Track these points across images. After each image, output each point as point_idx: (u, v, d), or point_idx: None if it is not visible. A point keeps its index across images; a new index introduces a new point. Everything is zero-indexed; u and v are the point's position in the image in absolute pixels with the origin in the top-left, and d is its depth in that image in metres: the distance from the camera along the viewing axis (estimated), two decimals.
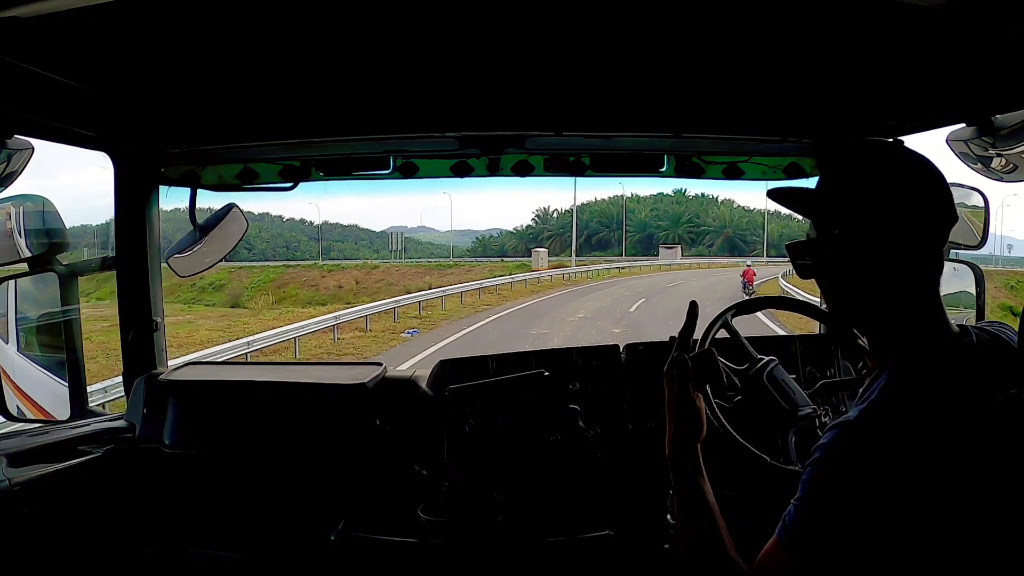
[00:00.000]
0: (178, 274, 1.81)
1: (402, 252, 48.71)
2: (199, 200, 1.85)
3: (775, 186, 0.93)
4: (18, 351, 1.72)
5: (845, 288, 0.87)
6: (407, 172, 1.81)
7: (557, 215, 60.93)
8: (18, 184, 1.40)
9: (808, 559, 0.76)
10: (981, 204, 1.61)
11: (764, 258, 42.64)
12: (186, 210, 1.84)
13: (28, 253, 1.55)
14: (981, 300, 1.66)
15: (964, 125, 1.38)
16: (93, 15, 0.99)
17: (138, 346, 1.79)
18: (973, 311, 1.67)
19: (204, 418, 1.69)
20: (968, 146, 1.40)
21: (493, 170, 1.81)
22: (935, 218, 0.83)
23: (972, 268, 1.69)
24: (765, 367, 1.43)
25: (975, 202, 1.61)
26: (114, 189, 1.73)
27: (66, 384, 1.69)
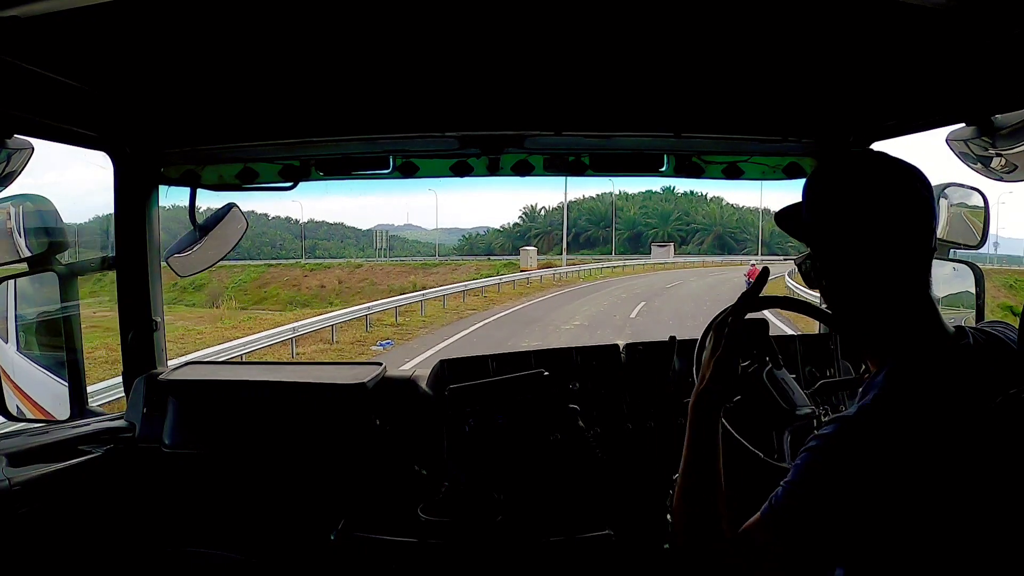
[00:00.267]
0: (178, 274, 1.82)
1: (387, 250, 48.37)
2: (199, 200, 1.85)
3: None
4: (18, 351, 1.72)
5: (839, 295, 0.91)
6: (407, 172, 1.80)
7: (545, 213, 60.42)
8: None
9: (788, 539, 0.78)
10: (981, 204, 1.61)
11: (758, 256, 42.37)
12: (186, 209, 1.84)
13: (28, 253, 1.55)
14: (981, 300, 1.66)
15: (964, 125, 1.38)
16: (93, 15, 1.00)
17: (138, 346, 1.79)
18: (973, 311, 1.67)
19: (204, 418, 1.69)
20: (968, 146, 1.39)
21: (493, 170, 1.80)
22: (915, 220, 0.85)
23: (972, 268, 1.69)
24: (765, 365, 1.43)
25: (975, 202, 1.61)
26: (114, 189, 1.73)
27: (66, 384, 1.69)
